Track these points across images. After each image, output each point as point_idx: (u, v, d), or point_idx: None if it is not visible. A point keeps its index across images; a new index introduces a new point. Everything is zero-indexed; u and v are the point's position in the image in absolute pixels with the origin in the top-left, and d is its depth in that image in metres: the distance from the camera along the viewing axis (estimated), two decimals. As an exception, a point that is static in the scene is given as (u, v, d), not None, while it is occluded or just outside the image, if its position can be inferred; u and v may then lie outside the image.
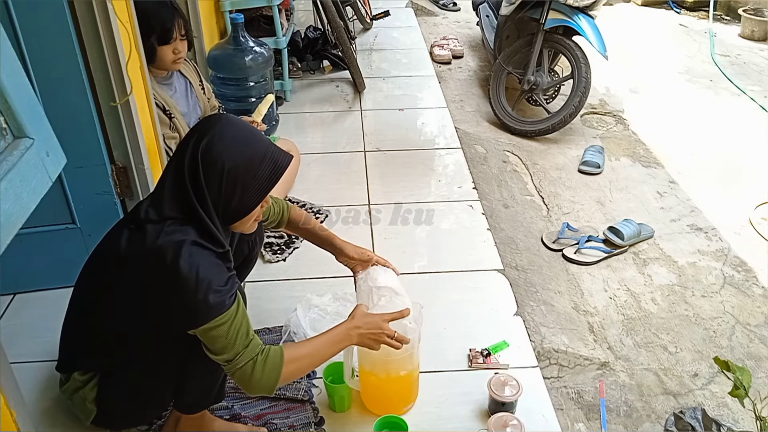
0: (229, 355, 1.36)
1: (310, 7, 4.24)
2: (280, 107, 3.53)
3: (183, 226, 1.35)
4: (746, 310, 2.41)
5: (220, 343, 1.34)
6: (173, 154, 1.42)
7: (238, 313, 1.37)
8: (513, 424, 1.65)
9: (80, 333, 1.54)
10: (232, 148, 1.35)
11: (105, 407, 1.56)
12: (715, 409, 2.01)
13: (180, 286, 1.30)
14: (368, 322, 1.52)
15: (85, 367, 1.55)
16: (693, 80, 4.37)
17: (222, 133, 1.36)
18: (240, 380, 1.39)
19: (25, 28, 1.76)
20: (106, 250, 1.48)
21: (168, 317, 1.38)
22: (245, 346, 1.37)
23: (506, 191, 3.08)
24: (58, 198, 2.05)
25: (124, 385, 1.52)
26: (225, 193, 1.35)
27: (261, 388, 1.40)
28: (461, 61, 4.60)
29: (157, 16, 2.16)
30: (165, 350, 1.46)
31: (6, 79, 1.07)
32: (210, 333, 1.34)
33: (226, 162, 1.33)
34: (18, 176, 1.07)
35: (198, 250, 1.33)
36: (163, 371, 1.50)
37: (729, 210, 3.00)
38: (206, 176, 1.33)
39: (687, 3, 5.69)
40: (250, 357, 1.37)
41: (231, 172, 1.34)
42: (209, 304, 1.31)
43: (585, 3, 3.35)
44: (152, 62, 2.22)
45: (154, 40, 2.16)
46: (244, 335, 1.37)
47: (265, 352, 1.39)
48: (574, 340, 2.23)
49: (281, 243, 2.46)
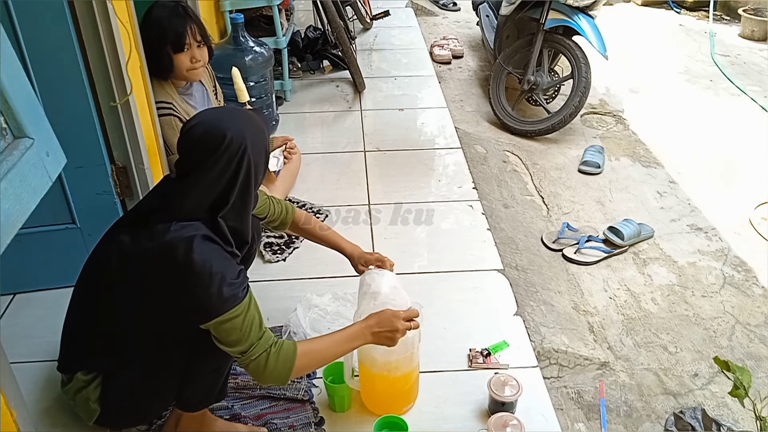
0: (243, 347, 1.37)
1: (310, 7, 4.24)
2: (280, 107, 3.53)
3: (192, 221, 1.37)
4: (746, 310, 2.41)
5: (234, 335, 1.36)
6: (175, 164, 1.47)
7: (251, 306, 1.39)
8: (513, 424, 1.65)
9: (82, 333, 1.54)
10: (210, 118, 1.43)
11: (109, 407, 1.55)
12: (715, 409, 2.01)
13: (193, 280, 1.32)
14: (383, 321, 1.54)
15: (88, 367, 1.55)
16: (693, 80, 4.37)
17: (199, 115, 1.47)
18: (254, 371, 1.40)
19: (25, 28, 1.76)
20: (108, 249, 1.48)
21: (178, 313, 1.39)
22: (259, 338, 1.39)
23: (506, 191, 3.08)
24: (58, 198, 2.05)
25: (128, 384, 1.52)
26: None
27: (274, 379, 1.42)
28: (461, 61, 4.60)
29: (168, 23, 2.12)
30: (169, 349, 1.46)
31: (6, 79, 1.07)
32: (224, 326, 1.35)
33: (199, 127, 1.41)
34: (18, 176, 1.07)
35: (209, 245, 1.36)
36: (167, 370, 1.50)
37: (729, 210, 3.00)
38: (198, 164, 1.39)
39: (687, 3, 5.69)
40: (263, 349, 1.39)
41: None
42: (223, 296, 1.33)
43: (585, 3, 3.35)
44: (171, 72, 2.18)
45: (169, 48, 2.13)
46: (257, 327, 1.39)
47: (278, 345, 1.41)
48: (574, 340, 2.22)
49: (281, 243, 2.46)
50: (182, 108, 2.25)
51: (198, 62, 2.19)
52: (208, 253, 1.34)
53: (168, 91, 2.23)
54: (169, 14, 2.14)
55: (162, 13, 2.14)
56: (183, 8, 2.18)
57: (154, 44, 2.13)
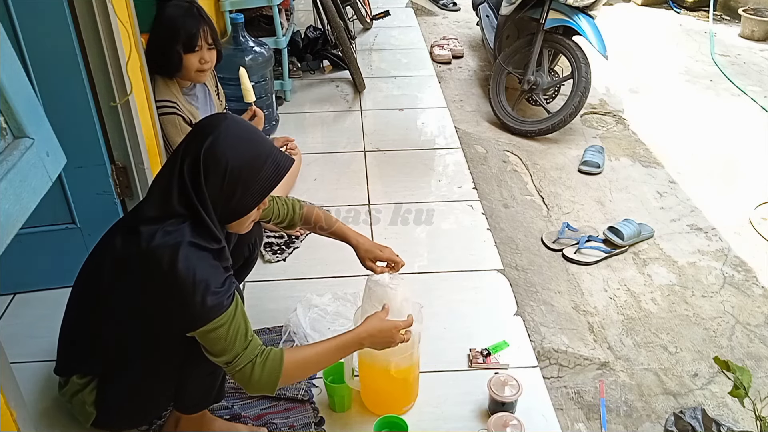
0: (228, 357, 1.35)
1: (310, 7, 4.24)
2: (280, 107, 3.53)
3: (179, 225, 1.34)
4: (746, 310, 2.41)
5: (219, 345, 1.34)
6: (172, 153, 1.41)
7: (237, 314, 1.36)
8: (513, 424, 1.65)
9: (79, 336, 1.54)
10: (236, 147, 1.34)
11: (104, 410, 1.55)
12: (715, 409, 2.01)
13: (177, 289, 1.30)
14: (381, 331, 1.50)
15: (83, 370, 1.54)
16: (693, 80, 4.37)
17: (227, 132, 1.36)
18: (240, 381, 1.39)
19: (25, 28, 1.76)
20: (103, 252, 1.48)
21: (167, 320, 1.38)
22: (244, 348, 1.36)
23: (506, 191, 3.09)
24: (58, 198, 2.05)
25: (123, 388, 1.52)
26: (225, 192, 1.35)
27: (261, 389, 1.39)
28: (461, 61, 4.60)
29: (182, 23, 2.12)
30: (164, 351, 1.46)
31: (6, 79, 1.07)
32: (209, 335, 1.33)
33: (230, 161, 1.33)
34: (18, 176, 1.07)
35: (195, 252, 1.32)
36: (163, 372, 1.49)
37: (729, 210, 3.00)
38: (207, 174, 1.33)
39: (687, 3, 5.69)
40: (248, 359, 1.36)
41: (234, 172, 1.33)
42: (207, 306, 1.30)
43: (585, 3, 3.35)
44: (179, 71, 2.18)
45: (180, 47, 2.13)
46: (243, 336, 1.36)
47: (264, 354, 1.38)
48: (574, 340, 2.23)
49: (281, 243, 2.46)
50: (186, 108, 2.25)
51: (206, 64, 2.19)
52: (192, 261, 1.30)
53: (173, 90, 2.23)
54: (183, 14, 2.15)
55: (176, 12, 2.14)
56: (197, 9, 2.19)
57: (165, 42, 2.13)
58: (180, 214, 1.35)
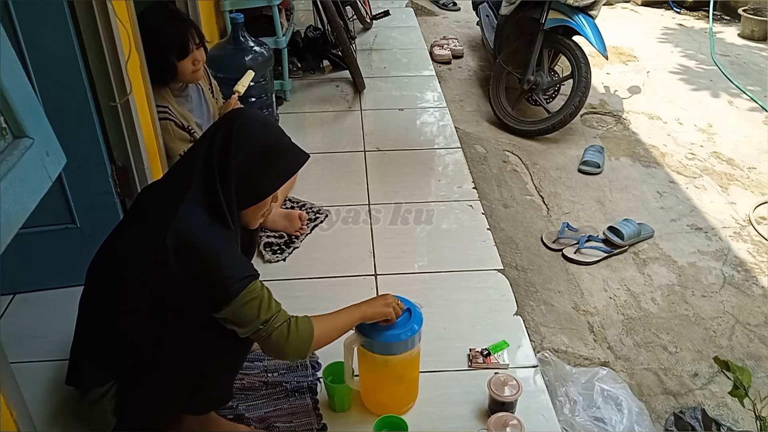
0: (266, 316, 1.38)
1: (310, 7, 4.24)
2: (280, 107, 3.53)
3: (195, 206, 1.37)
4: (746, 310, 2.41)
5: (254, 308, 1.37)
6: (193, 145, 1.48)
7: (263, 284, 1.41)
8: (513, 424, 1.65)
9: (98, 342, 1.50)
10: (264, 129, 1.48)
11: (126, 416, 1.52)
12: (715, 409, 2.01)
13: (205, 267, 1.34)
14: (377, 300, 1.61)
15: (103, 378, 1.50)
16: (693, 80, 4.37)
17: (254, 118, 1.48)
18: (276, 342, 1.40)
19: (25, 28, 1.75)
20: (115, 249, 1.47)
21: (194, 305, 1.38)
22: (278, 309, 1.41)
23: (506, 191, 3.09)
24: (58, 198, 2.04)
25: (144, 392, 1.49)
26: (251, 167, 1.42)
27: (295, 349, 1.42)
28: (461, 61, 4.60)
29: (171, 31, 2.10)
30: (187, 346, 1.44)
31: (6, 79, 1.07)
32: (244, 301, 1.36)
33: (260, 139, 1.44)
34: (18, 176, 1.07)
35: (213, 231, 1.38)
36: (186, 367, 1.47)
37: (729, 210, 3.00)
38: (237, 148, 1.40)
39: (687, 3, 5.69)
40: (285, 318, 1.41)
41: (263, 149, 1.44)
42: (238, 276, 1.35)
43: (585, 3, 3.35)
44: (174, 78, 2.16)
45: (174, 56, 2.10)
46: (275, 301, 1.42)
47: (295, 317, 1.44)
48: (574, 340, 2.23)
49: (281, 243, 2.45)
50: (178, 111, 2.22)
51: (199, 63, 2.18)
52: (215, 240, 1.36)
53: (163, 94, 2.20)
54: (166, 21, 2.11)
55: (160, 21, 2.11)
56: (177, 12, 2.18)
57: (157, 53, 2.09)
58: (196, 193, 1.39)
